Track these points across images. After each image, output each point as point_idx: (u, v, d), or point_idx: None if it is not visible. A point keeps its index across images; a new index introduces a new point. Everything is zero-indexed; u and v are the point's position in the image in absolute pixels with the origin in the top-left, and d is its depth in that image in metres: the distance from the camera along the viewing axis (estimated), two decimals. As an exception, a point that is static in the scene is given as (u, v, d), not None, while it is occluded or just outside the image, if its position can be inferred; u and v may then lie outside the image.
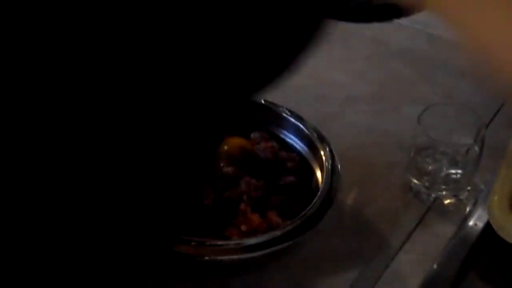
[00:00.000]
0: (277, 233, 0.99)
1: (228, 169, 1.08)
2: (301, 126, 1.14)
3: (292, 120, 1.15)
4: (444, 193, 1.14)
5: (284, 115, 1.16)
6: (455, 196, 1.14)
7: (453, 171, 1.14)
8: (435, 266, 1.06)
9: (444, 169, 1.14)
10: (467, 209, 1.14)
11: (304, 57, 0.63)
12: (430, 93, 1.36)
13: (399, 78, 1.40)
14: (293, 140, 1.14)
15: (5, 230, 0.67)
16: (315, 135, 1.12)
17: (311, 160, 1.11)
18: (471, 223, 1.13)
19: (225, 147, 1.10)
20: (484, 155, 1.13)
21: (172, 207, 0.89)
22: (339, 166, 1.08)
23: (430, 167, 1.14)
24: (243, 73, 0.63)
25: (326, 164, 1.08)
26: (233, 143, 1.11)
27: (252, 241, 0.99)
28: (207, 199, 1.03)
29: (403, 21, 1.52)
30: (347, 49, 1.47)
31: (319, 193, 1.04)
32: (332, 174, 1.06)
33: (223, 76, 0.62)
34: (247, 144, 1.11)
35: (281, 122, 1.16)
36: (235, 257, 0.99)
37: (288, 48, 0.66)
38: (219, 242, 1.00)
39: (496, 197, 1.10)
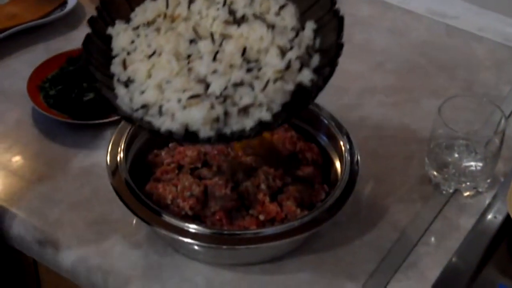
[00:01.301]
0: (295, 223, 0.99)
1: (247, 159, 1.07)
2: (320, 116, 1.13)
3: (311, 110, 1.14)
4: (463, 185, 1.13)
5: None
6: (474, 188, 1.14)
7: (472, 163, 1.13)
8: (454, 258, 1.05)
9: (464, 161, 1.13)
10: (487, 202, 1.13)
11: None
12: (449, 85, 1.35)
13: (418, 69, 1.39)
14: (312, 130, 1.13)
15: None
16: (334, 125, 1.11)
17: (330, 150, 1.11)
18: (490, 216, 1.12)
19: (244, 137, 1.09)
20: (504, 147, 1.12)
21: None
22: (358, 158, 1.07)
23: (449, 159, 1.13)
24: None
25: (346, 155, 1.07)
26: (252, 132, 1.10)
27: (269, 231, 0.99)
28: (226, 188, 1.03)
29: (422, 12, 1.52)
30: (365, 40, 1.46)
31: (338, 184, 1.03)
32: (351, 165, 1.06)
33: None
34: (266, 134, 1.11)
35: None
36: (252, 246, 0.99)
37: None
38: (237, 232, 0.99)
39: (516, 190, 1.09)
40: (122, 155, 1.06)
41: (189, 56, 0.86)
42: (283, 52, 0.86)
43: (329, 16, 0.90)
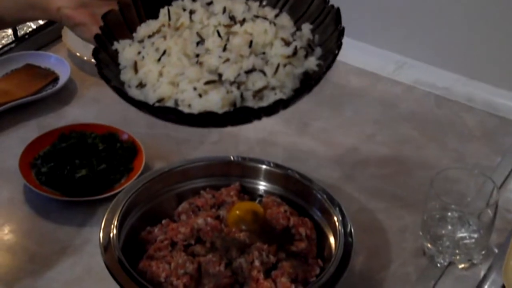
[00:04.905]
0: (291, 300, 0.98)
1: (240, 235, 1.07)
2: (312, 190, 1.13)
3: (304, 183, 1.14)
4: (458, 257, 1.13)
5: (295, 178, 1.15)
6: (469, 260, 1.13)
7: (466, 235, 1.13)
8: (450, 332, 1.05)
9: (458, 233, 1.13)
10: (482, 274, 1.13)
11: None
12: (440, 156, 1.36)
13: (409, 141, 1.40)
14: (305, 204, 1.13)
15: None
16: (326, 198, 1.11)
17: (324, 224, 1.10)
18: (486, 287, 1.11)
19: (237, 212, 1.09)
20: (498, 218, 1.12)
21: None
22: (352, 229, 1.07)
23: (443, 231, 1.13)
24: None
25: (339, 228, 1.07)
26: (245, 208, 1.10)
27: (265, 308, 0.98)
28: (219, 265, 1.02)
29: (411, 83, 1.53)
30: (356, 112, 1.47)
31: (332, 259, 1.02)
32: (345, 238, 1.05)
33: None
34: (259, 209, 1.10)
35: (293, 186, 1.15)
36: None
37: None
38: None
39: (511, 261, 1.08)
40: (115, 232, 1.06)
41: (197, 55, 0.88)
42: (287, 44, 0.88)
43: (324, 15, 0.93)
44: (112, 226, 1.06)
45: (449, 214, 1.13)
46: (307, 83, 0.87)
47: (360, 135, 1.41)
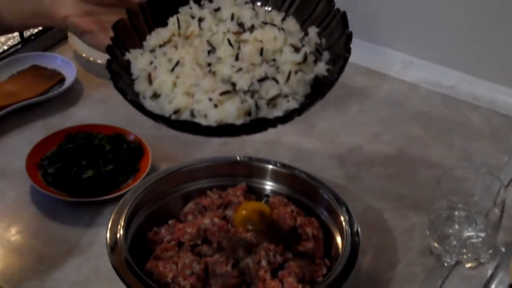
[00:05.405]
0: (298, 300, 0.98)
1: (247, 235, 1.07)
2: (319, 189, 1.13)
3: (310, 183, 1.14)
4: (465, 256, 1.12)
5: (302, 178, 1.15)
6: (476, 259, 1.13)
7: (473, 234, 1.13)
8: (458, 332, 1.04)
9: (465, 232, 1.12)
10: (489, 273, 1.13)
11: None
12: (446, 155, 1.36)
13: (415, 140, 1.40)
14: (312, 204, 1.13)
15: None
16: (333, 198, 1.11)
17: (331, 224, 1.10)
18: (493, 287, 1.11)
19: (243, 212, 1.09)
20: (505, 217, 1.12)
21: None
22: (358, 229, 1.07)
23: (450, 231, 1.13)
24: None
25: (346, 228, 1.07)
26: (251, 208, 1.10)
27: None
28: (226, 266, 1.02)
29: (418, 82, 1.53)
30: (363, 111, 1.47)
31: (339, 259, 1.02)
32: (352, 238, 1.05)
33: None
34: (266, 209, 1.11)
35: (299, 186, 1.15)
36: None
37: None
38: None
39: (518, 261, 1.08)
40: (122, 232, 1.06)
41: (209, 64, 0.89)
42: (296, 50, 0.89)
43: (330, 18, 0.94)
44: (119, 226, 1.06)
45: (456, 213, 1.13)
46: (320, 89, 0.87)
47: (366, 135, 1.41)
